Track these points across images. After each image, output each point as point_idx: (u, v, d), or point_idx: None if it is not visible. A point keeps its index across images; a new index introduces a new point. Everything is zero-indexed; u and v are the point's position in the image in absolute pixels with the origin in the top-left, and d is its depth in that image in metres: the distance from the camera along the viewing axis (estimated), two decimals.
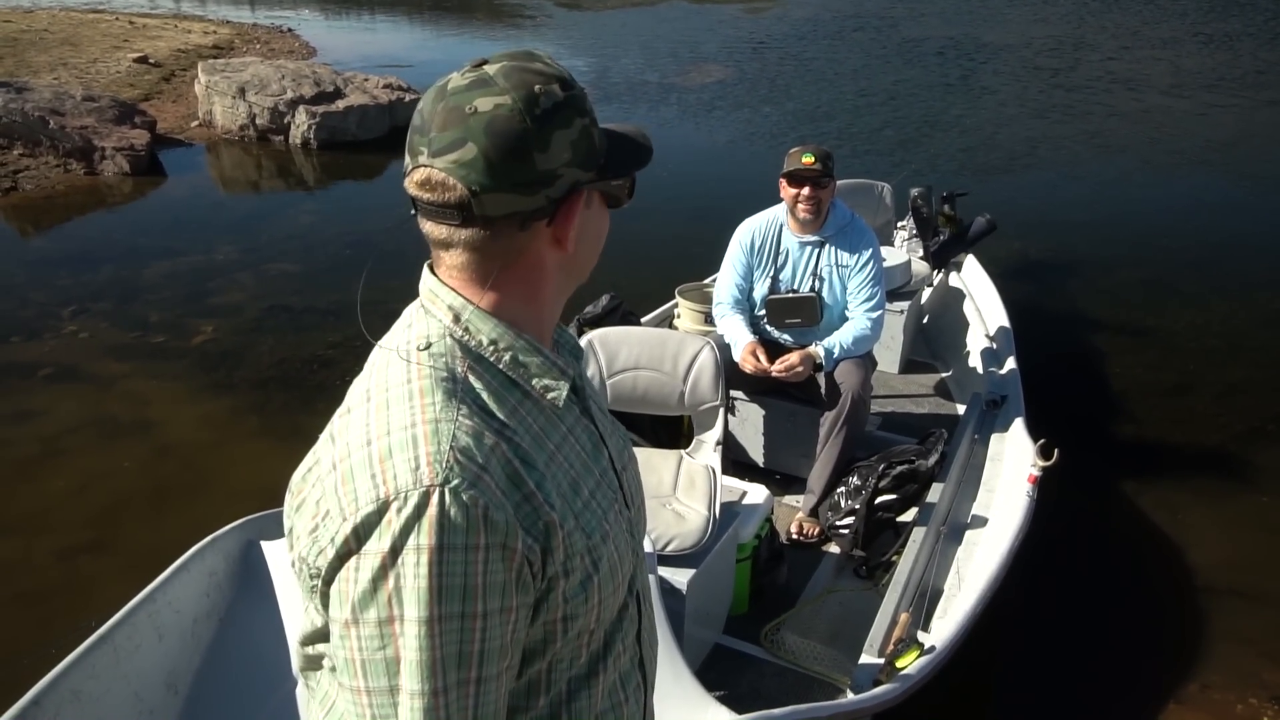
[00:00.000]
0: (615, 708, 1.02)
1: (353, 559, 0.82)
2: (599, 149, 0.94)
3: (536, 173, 0.89)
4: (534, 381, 0.94)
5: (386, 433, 0.85)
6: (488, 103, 0.87)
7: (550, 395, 0.94)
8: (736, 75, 14.09)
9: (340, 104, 10.03)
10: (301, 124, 9.80)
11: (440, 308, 0.93)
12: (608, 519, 0.96)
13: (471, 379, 0.90)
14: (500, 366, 0.93)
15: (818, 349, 3.40)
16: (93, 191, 8.22)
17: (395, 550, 0.80)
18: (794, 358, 3.35)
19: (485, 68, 0.90)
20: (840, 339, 3.42)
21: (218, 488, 4.01)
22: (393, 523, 0.80)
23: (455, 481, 0.81)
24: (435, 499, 0.80)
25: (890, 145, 10.36)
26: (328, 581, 0.84)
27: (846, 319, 3.51)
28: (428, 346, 0.91)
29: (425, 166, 0.89)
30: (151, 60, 12.75)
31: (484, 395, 0.90)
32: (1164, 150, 10.37)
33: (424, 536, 0.80)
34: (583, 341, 2.74)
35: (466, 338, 0.92)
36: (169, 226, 7.49)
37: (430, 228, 0.92)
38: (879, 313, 3.48)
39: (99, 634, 1.99)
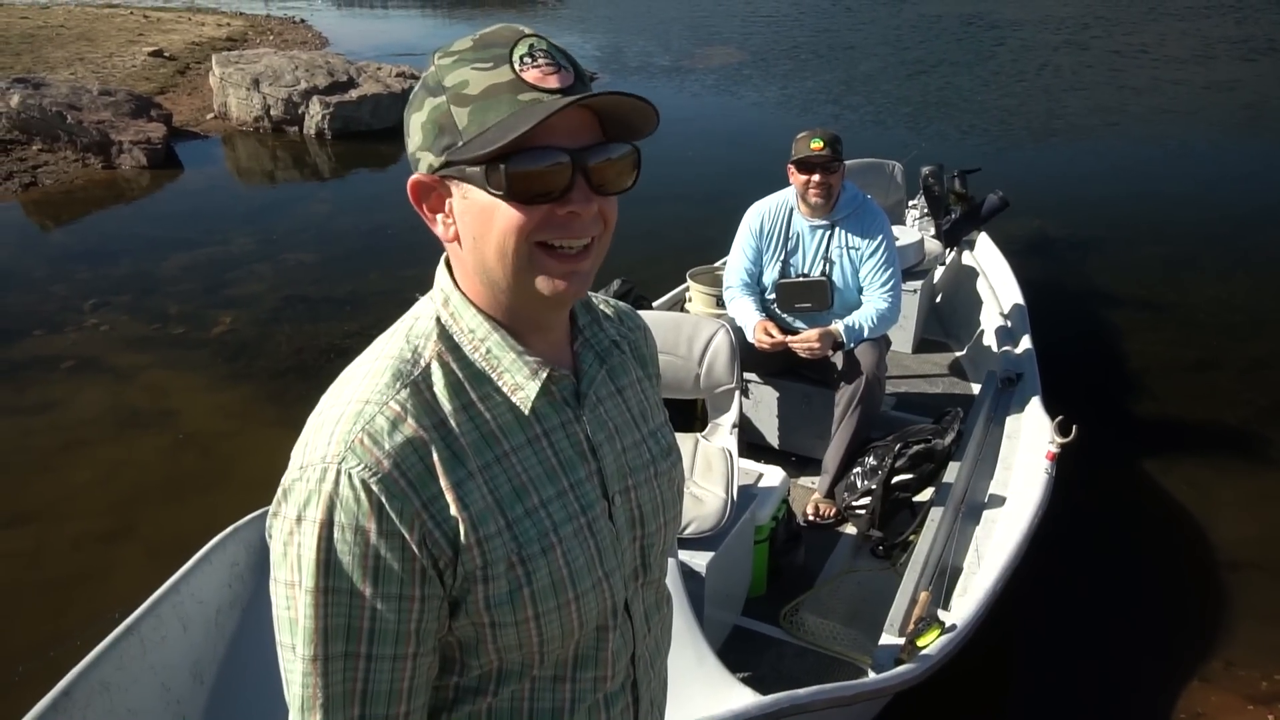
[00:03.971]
0: None
1: (275, 518, 0.86)
2: (460, 129, 0.83)
3: (409, 155, 0.90)
4: (504, 377, 0.91)
5: (331, 406, 0.88)
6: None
7: (517, 395, 0.91)
8: (750, 55, 14.00)
9: (354, 93, 10.06)
10: (315, 114, 9.82)
11: (437, 289, 0.95)
12: (558, 531, 0.91)
13: (435, 365, 0.89)
14: (475, 357, 0.91)
15: (838, 326, 3.37)
16: (111, 185, 8.28)
17: (298, 518, 0.83)
18: (813, 334, 3.34)
19: None
20: (860, 318, 3.39)
21: (237, 477, 4.04)
22: (300, 492, 0.84)
23: (352, 464, 0.82)
24: (331, 477, 0.82)
25: (902, 123, 10.27)
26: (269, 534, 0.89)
27: (859, 302, 3.48)
28: (413, 325, 0.93)
29: None
30: (166, 54, 12.81)
31: (440, 384, 0.88)
32: (1184, 123, 10.23)
33: (318, 510, 0.82)
34: None
35: (451, 323, 0.92)
36: (186, 219, 7.53)
37: None
38: (896, 293, 3.45)
39: (125, 625, 2.00)
